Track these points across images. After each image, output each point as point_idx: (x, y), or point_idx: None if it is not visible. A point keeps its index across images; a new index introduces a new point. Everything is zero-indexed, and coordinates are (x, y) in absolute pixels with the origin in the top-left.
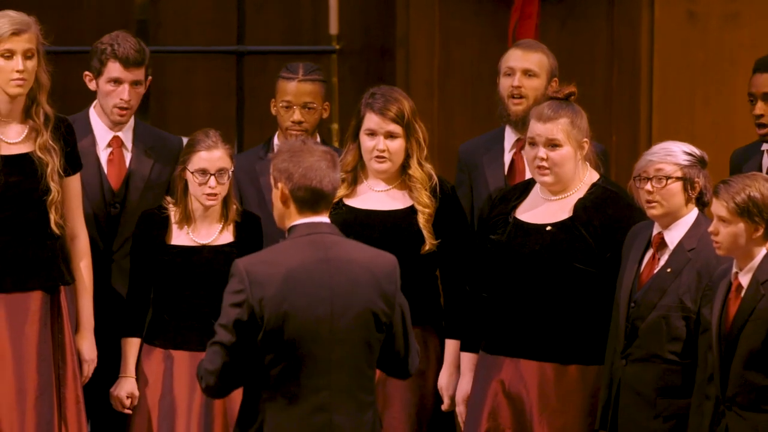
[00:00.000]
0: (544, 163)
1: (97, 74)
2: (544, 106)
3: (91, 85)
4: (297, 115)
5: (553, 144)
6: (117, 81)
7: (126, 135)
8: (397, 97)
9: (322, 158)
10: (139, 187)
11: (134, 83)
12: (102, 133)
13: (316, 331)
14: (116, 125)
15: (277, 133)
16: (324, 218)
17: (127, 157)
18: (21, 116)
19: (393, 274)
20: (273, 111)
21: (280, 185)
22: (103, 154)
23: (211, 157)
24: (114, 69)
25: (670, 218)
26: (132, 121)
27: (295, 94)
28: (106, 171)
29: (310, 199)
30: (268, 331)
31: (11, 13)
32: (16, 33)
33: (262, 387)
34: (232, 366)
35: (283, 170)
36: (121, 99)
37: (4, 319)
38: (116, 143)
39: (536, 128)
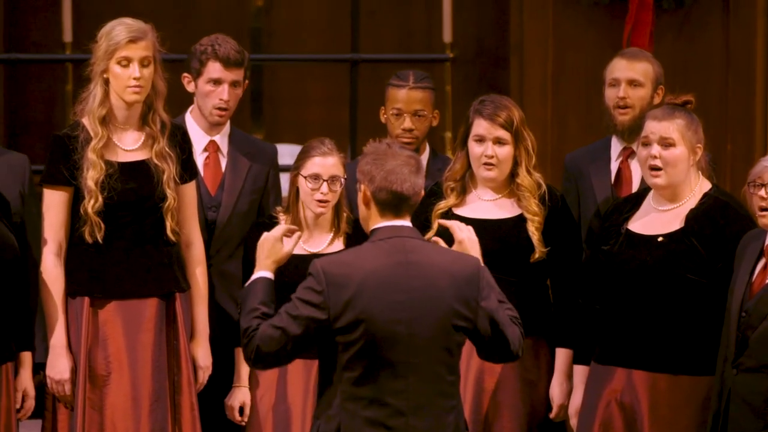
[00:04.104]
0: (657, 162)
1: (197, 75)
2: (659, 108)
3: (190, 87)
4: (407, 123)
5: (667, 143)
6: (217, 81)
7: (222, 140)
8: (506, 104)
9: (406, 163)
10: (235, 192)
11: (233, 84)
12: (198, 137)
13: (393, 335)
14: (213, 128)
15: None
16: (406, 222)
17: (223, 161)
18: (138, 123)
19: (475, 278)
20: (382, 119)
21: (362, 187)
22: (200, 159)
23: (324, 163)
24: (214, 69)
25: None
26: (227, 126)
27: (406, 102)
28: (202, 175)
29: (391, 202)
30: (345, 334)
31: (128, 20)
32: (132, 41)
33: (340, 390)
34: (286, 352)
35: (366, 172)
36: (220, 99)
37: (120, 326)
38: (212, 148)
39: (651, 126)
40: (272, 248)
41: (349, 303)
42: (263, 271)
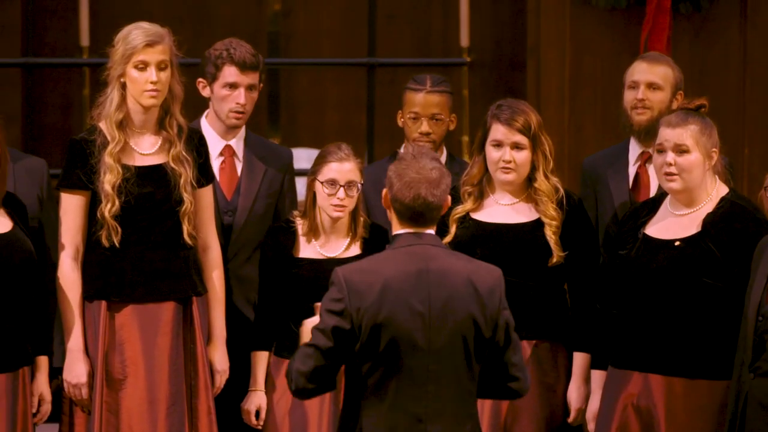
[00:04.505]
0: (672, 169)
1: (212, 80)
2: (673, 114)
3: (205, 92)
4: (425, 127)
5: (681, 150)
6: (233, 85)
7: (237, 144)
8: (523, 109)
9: (425, 178)
10: (251, 196)
11: (249, 87)
12: (214, 142)
13: (413, 343)
14: (228, 133)
15: (403, 145)
16: (427, 230)
17: (239, 166)
18: (155, 127)
19: (496, 288)
20: (399, 123)
21: (384, 191)
22: (215, 163)
23: (341, 168)
24: (230, 73)
25: None
26: (243, 130)
27: (423, 106)
28: (218, 179)
29: (405, 213)
30: (365, 341)
31: (145, 24)
32: (149, 44)
33: (360, 395)
34: (324, 370)
35: (389, 178)
36: (237, 103)
37: (137, 330)
38: (228, 152)
39: (665, 134)
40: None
41: (369, 310)
42: None
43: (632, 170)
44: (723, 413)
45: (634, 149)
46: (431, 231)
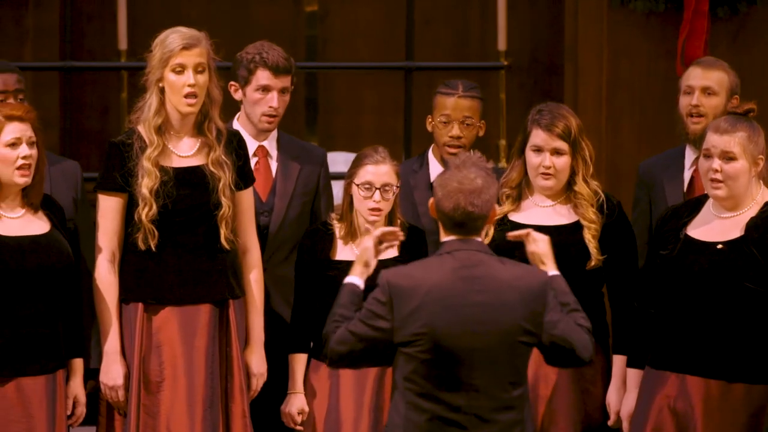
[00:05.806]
0: (718, 176)
1: (245, 83)
2: (721, 119)
3: (237, 95)
4: (455, 130)
5: (728, 157)
6: (266, 89)
7: (270, 144)
8: (564, 114)
9: (466, 187)
10: (287, 196)
11: (282, 91)
12: (247, 143)
13: (456, 349)
14: (261, 134)
15: (432, 147)
16: (473, 237)
17: (273, 166)
18: (193, 131)
19: (542, 293)
20: (429, 127)
21: (431, 200)
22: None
23: (377, 171)
24: (263, 77)
25: None
26: (275, 131)
27: (454, 109)
28: None
29: (447, 222)
30: (408, 346)
31: (182, 29)
32: (186, 47)
33: (404, 400)
34: (358, 354)
35: (434, 186)
36: (270, 107)
37: (175, 332)
38: (261, 153)
39: (712, 140)
40: (364, 253)
41: (412, 315)
42: (351, 276)
43: (687, 174)
44: (760, 417)
45: (690, 154)
46: (478, 239)
